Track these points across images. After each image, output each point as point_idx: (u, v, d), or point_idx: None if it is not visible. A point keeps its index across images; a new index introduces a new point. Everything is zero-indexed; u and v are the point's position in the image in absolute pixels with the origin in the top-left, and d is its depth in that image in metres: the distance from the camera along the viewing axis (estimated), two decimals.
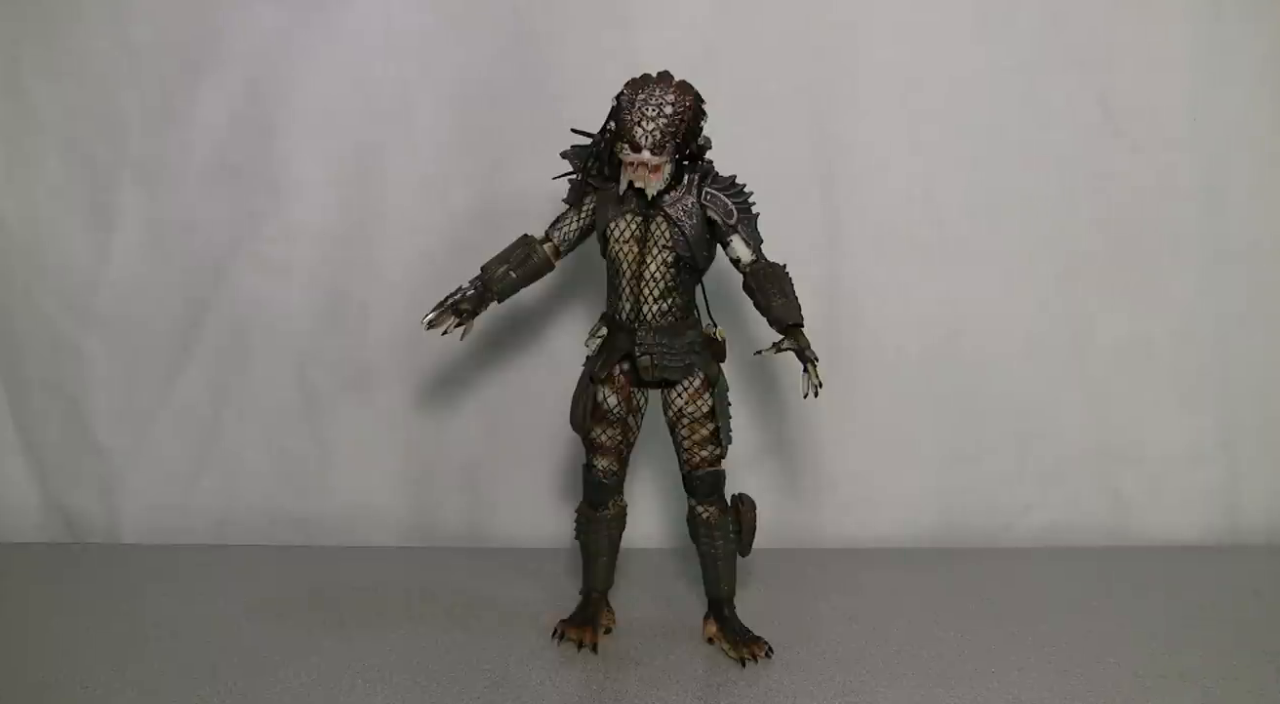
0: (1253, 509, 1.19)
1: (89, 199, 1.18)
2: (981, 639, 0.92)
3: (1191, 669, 0.85)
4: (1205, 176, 1.16)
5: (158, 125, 1.16)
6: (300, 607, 1.01)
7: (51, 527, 1.22)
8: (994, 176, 1.16)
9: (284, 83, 1.16)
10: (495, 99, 1.14)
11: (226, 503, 1.21)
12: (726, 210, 0.86)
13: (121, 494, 1.21)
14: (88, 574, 1.11)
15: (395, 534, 1.20)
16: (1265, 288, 1.17)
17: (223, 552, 1.17)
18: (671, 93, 0.83)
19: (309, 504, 1.20)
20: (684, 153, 0.85)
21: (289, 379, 1.19)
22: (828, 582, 1.07)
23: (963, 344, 1.18)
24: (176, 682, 0.85)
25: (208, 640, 0.93)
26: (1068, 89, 1.15)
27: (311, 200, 1.17)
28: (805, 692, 0.82)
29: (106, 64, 1.15)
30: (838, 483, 1.19)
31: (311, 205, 1.17)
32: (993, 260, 1.17)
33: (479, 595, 1.02)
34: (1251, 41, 1.14)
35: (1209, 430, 1.19)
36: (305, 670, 0.87)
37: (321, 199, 1.17)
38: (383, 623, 0.97)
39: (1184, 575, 1.08)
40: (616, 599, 0.96)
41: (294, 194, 1.17)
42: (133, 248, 1.18)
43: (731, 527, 0.91)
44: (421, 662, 0.88)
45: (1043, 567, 1.11)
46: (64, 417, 1.20)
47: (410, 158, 1.16)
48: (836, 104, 1.15)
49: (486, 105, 1.14)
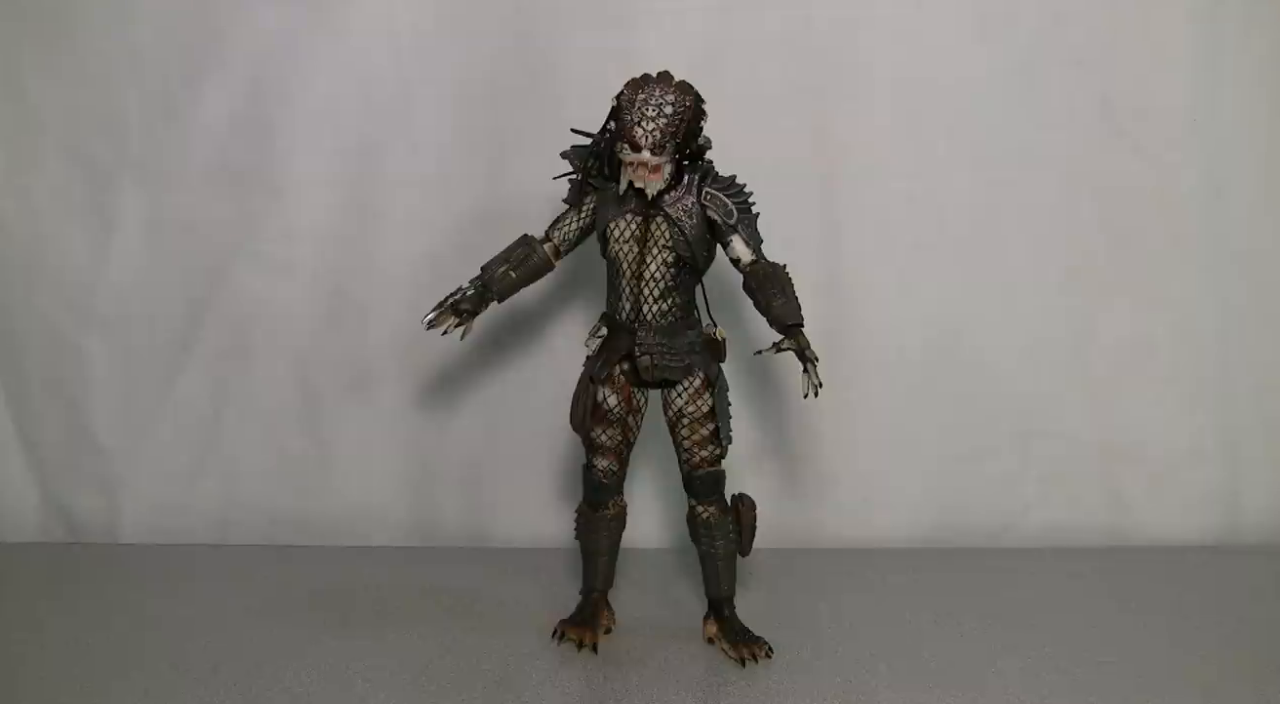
0: (1253, 509, 1.19)
1: (89, 199, 1.18)
2: (981, 639, 0.92)
3: (1191, 669, 0.85)
4: (1205, 176, 1.16)
5: (158, 125, 1.16)
6: (300, 607, 1.01)
7: (51, 527, 1.22)
8: (994, 176, 1.16)
9: (284, 83, 1.16)
10: (495, 99, 1.14)
11: (226, 503, 1.21)
12: (726, 210, 0.86)
13: (121, 494, 1.21)
14: (88, 574, 1.11)
15: (395, 534, 1.20)
16: (1265, 288, 1.17)
17: (223, 552, 1.17)
18: (671, 93, 0.83)
19: (309, 504, 1.20)
20: (684, 153, 0.85)
21: (289, 379, 1.19)
22: (828, 582, 1.07)
23: (963, 344, 1.18)
24: (176, 682, 0.85)
25: (208, 640, 0.93)
26: (1068, 89, 1.14)
27: (311, 200, 1.17)
28: (805, 692, 0.82)
29: (107, 64, 1.15)
30: (838, 483, 1.19)
31: (312, 205, 1.17)
32: (993, 260, 1.17)
33: (479, 595, 1.02)
34: (1251, 41, 1.14)
35: (1209, 430, 1.19)
36: (305, 670, 0.87)
37: (321, 199, 1.17)
38: (383, 623, 0.97)
39: (1184, 575, 1.08)
40: (616, 599, 0.96)
41: (294, 194, 1.17)
42: (133, 248, 1.18)
43: (731, 527, 0.91)
44: (421, 662, 0.88)
45: (1043, 567, 1.11)
46: (64, 417, 1.20)
47: (410, 158, 1.16)
48: (836, 104, 1.15)
49: (487, 105, 1.14)
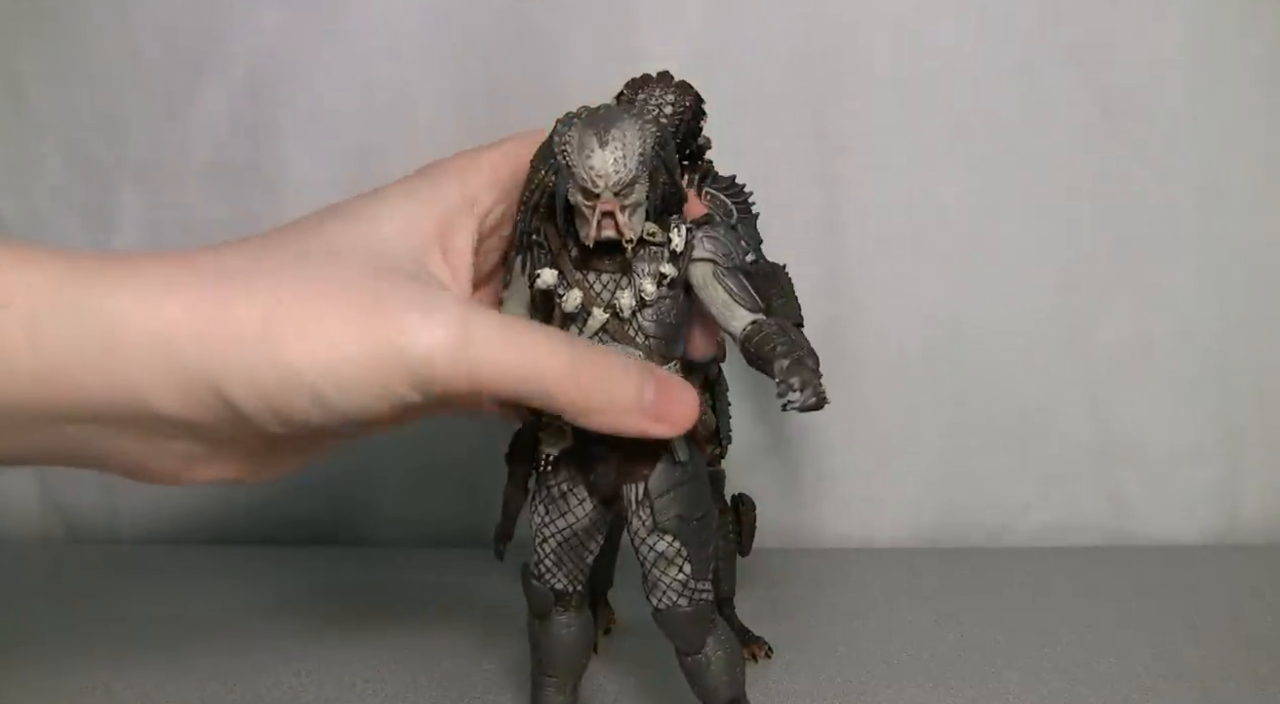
0: (1253, 509, 1.19)
1: (89, 199, 1.18)
2: (981, 639, 0.92)
3: (1191, 669, 0.85)
4: (1205, 176, 1.16)
5: (158, 125, 1.16)
6: (301, 607, 1.01)
7: (51, 527, 1.22)
8: (994, 176, 1.16)
9: (284, 83, 1.16)
10: (496, 99, 1.14)
11: (226, 503, 1.21)
12: (726, 210, 0.86)
13: (121, 494, 1.21)
14: (88, 574, 1.11)
15: (394, 534, 1.20)
16: (1265, 288, 1.17)
17: (223, 552, 1.17)
18: (671, 93, 0.83)
19: (309, 504, 1.20)
20: (684, 153, 0.85)
21: None
22: (828, 582, 1.07)
23: (963, 344, 1.18)
24: (176, 682, 0.85)
25: (208, 640, 0.93)
26: (1068, 89, 1.15)
27: (312, 200, 1.15)
28: (805, 692, 0.82)
29: (106, 64, 1.15)
30: (838, 483, 1.19)
31: (312, 205, 1.16)
32: (993, 260, 1.17)
33: (479, 595, 1.02)
34: (1251, 41, 1.14)
35: (1209, 430, 1.19)
36: (305, 670, 0.87)
37: (322, 199, 1.15)
38: (383, 623, 0.97)
39: (1184, 575, 1.07)
40: (616, 599, 0.96)
41: (294, 194, 1.17)
42: (133, 248, 1.18)
43: (731, 527, 0.91)
44: (421, 662, 0.88)
45: (1043, 567, 1.11)
46: None
47: (411, 158, 1.14)
48: (836, 104, 1.15)
49: (487, 105, 1.14)
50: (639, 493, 0.64)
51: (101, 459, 0.53)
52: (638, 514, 0.64)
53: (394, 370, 0.52)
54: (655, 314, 0.62)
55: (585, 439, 0.63)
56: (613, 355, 0.59)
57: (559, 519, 0.66)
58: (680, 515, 0.64)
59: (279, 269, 0.54)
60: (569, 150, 0.60)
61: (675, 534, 0.64)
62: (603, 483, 0.65)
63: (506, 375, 0.55)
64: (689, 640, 0.66)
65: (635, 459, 0.64)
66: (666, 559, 0.64)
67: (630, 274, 0.62)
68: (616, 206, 0.59)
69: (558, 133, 0.61)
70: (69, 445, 0.51)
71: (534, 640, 0.70)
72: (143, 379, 0.48)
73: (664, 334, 0.64)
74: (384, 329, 0.52)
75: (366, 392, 0.52)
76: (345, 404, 0.52)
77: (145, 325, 0.48)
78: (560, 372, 0.55)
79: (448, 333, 0.53)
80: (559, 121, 0.61)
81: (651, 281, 0.62)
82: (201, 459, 0.56)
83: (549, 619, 0.68)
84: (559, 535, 0.66)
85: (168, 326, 0.48)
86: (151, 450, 0.53)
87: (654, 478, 0.64)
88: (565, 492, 0.66)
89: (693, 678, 0.67)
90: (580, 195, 0.60)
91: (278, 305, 0.51)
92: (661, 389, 0.58)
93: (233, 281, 0.51)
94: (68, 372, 0.46)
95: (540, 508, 0.67)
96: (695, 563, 0.65)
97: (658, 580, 0.65)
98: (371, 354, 0.51)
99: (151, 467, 0.55)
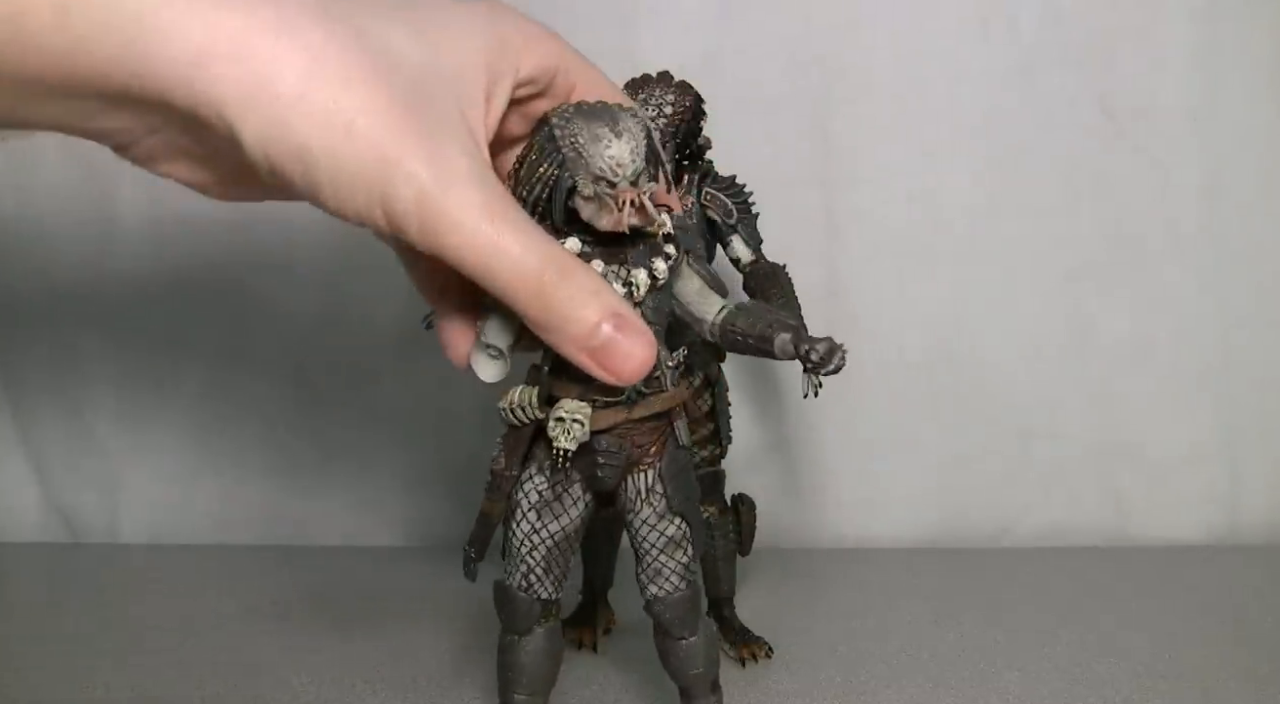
0: (1253, 509, 1.19)
1: (89, 199, 1.18)
2: (981, 639, 0.92)
3: (1191, 669, 0.85)
4: (1205, 176, 1.16)
5: None
6: (300, 607, 1.01)
7: (51, 527, 1.22)
8: (994, 176, 1.16)
9: None
10: None
11: (226, 503, 1.21)
12: (726, 210, 0.86)
13: (121, 494, 1.21)
14: (88, 574, 1.11)
15: (395, 534, 1.21)
16: (1265, 288, 1.17)
17: (223, 552, 1.17)
18: (671, 93, 0.83)
19: (309, 504, 1.20)
20: (684, 153, 0.85)
21: (289, 379, 1.19)
22: (828, 582, 1.07)
23: (963, 344, 1.18)
24: (176, 682, 0.85)
25: (208, 640, 0.93)
26: (1068, 89, 1.15)
27: None
28: (805, 692, 0.82)
29: None
30: (838, 483, 1.19)
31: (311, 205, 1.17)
32: (993, 260, 1.17)
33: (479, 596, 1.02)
34: (1251, 41, 1.14)
35: (1209, 430, 1.19)
36: (305, 670, 0.87)
37: None
38: (383, 623, 0.97)
39: (1184, 575, 1.07)
40: (616, 599, 0.96)
41: None
42: (133, 248, 1.18)
43: (731, 527, 0.91)
44: (421, 662, 0.88)
45: (1043, 567, 1.11)
46: (64, 417, 1.20)
47: None
48: (836, 104, 1.15)
49: None
50: (648, 480, 0.64)
51: (97, 133, 0.54)
52: (648, 501, 0.64)
53: (388, 191, 0.50)
54: (655, 302, 0.62)
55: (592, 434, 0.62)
56: (591, 277, 0.55)
57: (552, 523, 0.65)
58: (688, 498, 0.65)
59: (330, 36, 0.50)
60: (580, 142, 0.59)
61: (684, 516, 0.64)
62: (609, 475, 0.63)
63: (476, 254, 0.51)
64: (688, 624, 0.66)
65: (642, 447, 0.63)
66: (675, 543, 0.64)
67: (626, 265, 0.61)
68: (640, 195, 0.57)
69: (558, 127, 0.60)
70: (71, 117, 0.51)
71: (507, 661, 0.67)
72: (164, 88, 0.46)
73: (663, 322, 0.64)
74: (398, 149, 0.50)
75: (356, 198, 0.52)
76: (334, 198, 0.52)
77: (178, 40, 0.46)
78: (529, 270, 0.52)
79: (465, 189, 0.51)
80: (553, 117, 0.60)
81: (663, 260, 0.61)
82: (182, 156, 0.56)
83: (529, 634, 0.67)
84: (550, 541, 0.65)
85: (198, 50, 0.46)
86: (145, 136, 0.54)
87: (665, 463, 0.64)
88: (559, 494, 0.65)
89: (682, 664, 0.67)
90: (595, 186, 0.58)
91: (317, 73, 0.48)
92: (620, 332, 0.54)
93: (282, 25, 0.48)
94: (90, 61, 0.46)
95: (529, 516, 0.65)
96: (694, 546, 0.65)
97: (663, 567, 0.65)
98: (377, 159, 0.50)
99: (135, 149, 0.56)
